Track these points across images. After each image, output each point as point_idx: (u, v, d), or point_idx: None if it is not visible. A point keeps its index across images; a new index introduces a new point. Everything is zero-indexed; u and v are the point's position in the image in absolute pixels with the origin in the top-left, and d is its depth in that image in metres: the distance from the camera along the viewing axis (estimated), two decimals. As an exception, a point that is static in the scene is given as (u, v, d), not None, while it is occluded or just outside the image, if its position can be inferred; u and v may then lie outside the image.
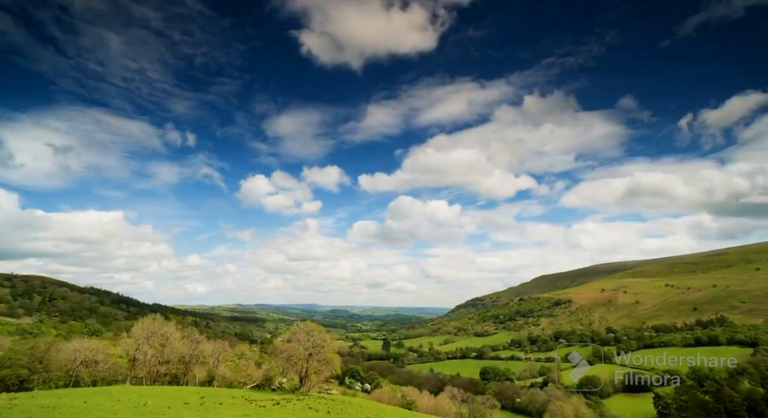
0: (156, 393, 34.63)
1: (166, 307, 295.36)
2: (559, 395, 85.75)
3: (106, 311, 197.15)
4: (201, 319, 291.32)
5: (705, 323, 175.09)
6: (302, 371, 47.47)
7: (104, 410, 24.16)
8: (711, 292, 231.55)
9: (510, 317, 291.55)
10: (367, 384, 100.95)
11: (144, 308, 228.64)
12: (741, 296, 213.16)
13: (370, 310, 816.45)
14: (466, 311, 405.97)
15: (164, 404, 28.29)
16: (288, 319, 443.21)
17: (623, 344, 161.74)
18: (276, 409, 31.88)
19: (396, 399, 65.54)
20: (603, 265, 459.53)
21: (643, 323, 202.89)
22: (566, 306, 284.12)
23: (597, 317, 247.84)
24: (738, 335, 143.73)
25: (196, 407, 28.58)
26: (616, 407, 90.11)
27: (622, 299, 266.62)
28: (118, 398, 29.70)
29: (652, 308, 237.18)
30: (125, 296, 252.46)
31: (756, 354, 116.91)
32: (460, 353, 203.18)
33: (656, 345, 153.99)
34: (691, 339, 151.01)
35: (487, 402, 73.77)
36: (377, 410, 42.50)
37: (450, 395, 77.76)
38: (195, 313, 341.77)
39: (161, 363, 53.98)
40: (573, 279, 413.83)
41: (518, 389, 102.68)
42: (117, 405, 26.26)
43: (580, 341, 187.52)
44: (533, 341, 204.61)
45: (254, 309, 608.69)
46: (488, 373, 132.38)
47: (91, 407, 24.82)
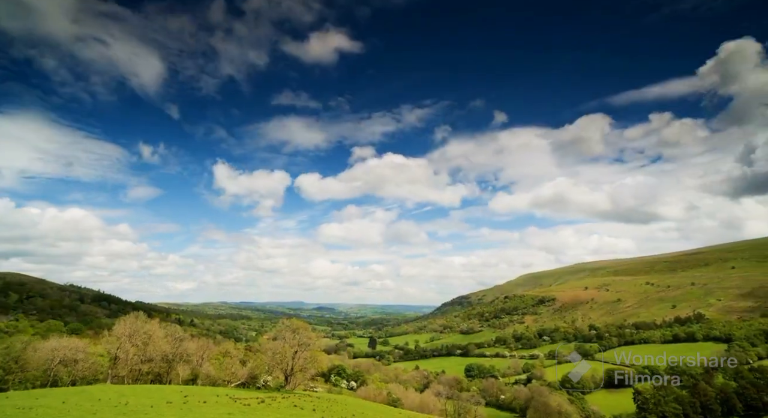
0: (138, 392, 34.03)
1: (149, 305, 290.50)
2: (542, 392, 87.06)
3: (86, 309, 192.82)
4: (185, 317, 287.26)
5: (683, 319, 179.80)
6: (288, 368, 47.22)
7: (83, 410, 23.67)
8: (689, 290, 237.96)
9: (495, 315, 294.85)
10: (352, 382, 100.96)
11: (126, 306, 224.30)
12: (717, 293, 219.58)
13: (356, 308, 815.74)
14: (452, 309, 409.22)
15: (146, 403, 27.83)
16: (274, 317, 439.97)
17: (605, 340, 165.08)
18: (261, 407, 31.66)
19: (382, 396, 65.75)
20: (586, 263, 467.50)
21: (625, 321, 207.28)
22: (550, 304, 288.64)
23: (580, 315, 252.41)
24: (714, 331, 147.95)
25: (179, 405, 28.19)
26: (597, 402, 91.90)
27: (605, 297, 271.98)
28: (98, 397, 29.09)
29: (633, 306, 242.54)
30: (106, 294, 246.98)
31: (730, 350, 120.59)
32: (446, 350, 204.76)
33: (636, 342, 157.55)
34: (669, 336, 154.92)
35: (472, 399, 74.71)
36: (363, 407, 42.56)
37: (435, 392, 78.48)
38: (179, 311, 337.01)
39: (144, 362, 53.11)
40: (557, 278, 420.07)
41: (502, 386, 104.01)
42: (97, 405, 25.74)
43: (563, 338, 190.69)
44: (518, 339, 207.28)
45: (240, 307, 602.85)
46: (473, 370, 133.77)
47: (70, 407, 24.28)
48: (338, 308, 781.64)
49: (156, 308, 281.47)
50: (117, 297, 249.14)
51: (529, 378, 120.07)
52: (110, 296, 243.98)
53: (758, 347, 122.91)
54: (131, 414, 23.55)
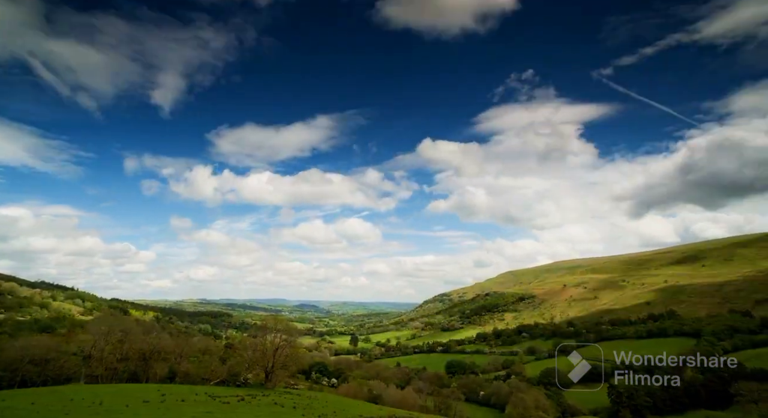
0: (113, 391, 33.26)
1: (125, 302, 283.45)
2: (521, 387, 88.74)
3: (59, 307, 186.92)
4: (163, 314, 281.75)
5: (656, 316, 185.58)
6: (268, 366, 46.86)
7: (54, 411, 23.00)
8: (662, 287, 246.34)
9: (476, 312, 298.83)
10: (334, 379, 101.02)
11: (102, 304, 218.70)
12: (688, 290, 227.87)
13: (338, 305, 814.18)
14: (434, 306, 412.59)
15: (122, 402, 27.24)
16: (255, 314, 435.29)
17: (582, 336, 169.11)
18: (241, 405, 31.39)
19: (363, 393, 65.96)
20: (566, 261, 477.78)
21: (601, 317, 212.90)
22: (530, 301, 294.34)
23: (558, 312, 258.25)
24: (684, 327, 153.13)
25: (156, 404, 27.70)
26: (574, 397, 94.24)
27: (582, 294, 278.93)
28: (71, 397, 28.31)
29: (609, 303, 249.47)
30: (81, 291, 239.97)
31: (698, 344, 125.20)
32: (427, 347, 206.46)
33: (612, 338, 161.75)
34: (643, 332, 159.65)
35: (452, 395, 75.61)
36: (343, 404, 42.61)
37: (416, 388, 79.14)
38: (157, 308, 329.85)
39: (120, 360, 51.89)
40: (537, 275, 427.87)
41: (482, 382, 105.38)
42: (69, 405, 25.06)
43: (542, 334, 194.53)
44: (498, 335, 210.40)
45: (220, 304, 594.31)
46: (454, 366, 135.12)
47: (40, 408, 23.59)
48: (320, 306, 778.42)
49: (133, 305, 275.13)
50: (92, 294, 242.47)
51: (509, 374, 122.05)
52: (84, 294, 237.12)
53: (724, 341, 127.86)
54: (106, 414, 23.03)
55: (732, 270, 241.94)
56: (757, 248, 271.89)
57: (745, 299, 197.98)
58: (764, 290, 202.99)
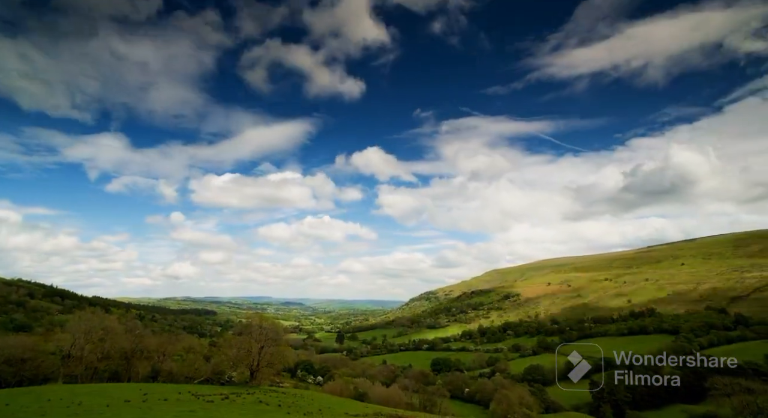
0: (92, 391, 32.54)
1: (107, 300, 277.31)
2: (505, 384, 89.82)
3: (36, 305, 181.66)
4: (146, 312, 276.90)
5: (637, 314, 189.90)
6: (253, 364, 46.47)
7: (30, 412, 22.38)
8: (643, 285, 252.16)
9: (461, 310, 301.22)
10: (319, 377, 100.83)
11: (82, 302, 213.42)
12: (668, 289, 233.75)
13: (324, 303, 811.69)
14: (420, 304, 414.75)
15: (102, 402, 26.64)
16: (240, 312, 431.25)
17: (565, 334, 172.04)
18: (225, 404, 31.04)
19: (348, 391, 65.94)
20: (550, 260, 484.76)
21: (584, 315, 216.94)
22: (515, 299, 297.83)
23: (543, 309, 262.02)
24: (663, 324, 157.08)
25: (138, 404, 27.19)
26: (556, 393, 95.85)
27: (566, 292, 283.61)
28: (48, 397, 27.58)
29: (592, 301, 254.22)
30: (60, 289, 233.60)
31: (677, 341, 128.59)
32: (413, 345, 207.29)
33: (594, 335, 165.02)
34: (624, 329, 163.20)
35: (438, 392, 76.07)
36: (329, 402, 42.53)
37: (402, 385, 79.41)
38: (140, 306, 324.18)
39: (100, 359, 50.76)
40: (522, 273, 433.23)
41: (467, 379, 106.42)
42: (46, 406, 24.42)
43: (526, 332, 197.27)
44: (483, 333, 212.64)
45: (205, 302, 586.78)
46: (439, 364, 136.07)
47: (15, 409, 22.95)
48: (306, 303, 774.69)
49: (115, 304, 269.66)
50: (72, 292, 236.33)
51: (493, 371, 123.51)
52: (64, 291, 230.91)
53: (701, 337, 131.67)
54: (85, 415, 22.52)
55: (710, 269, 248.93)
56: (733, 247, 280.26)
57: (721, 296, 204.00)
58: (739, 288, 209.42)
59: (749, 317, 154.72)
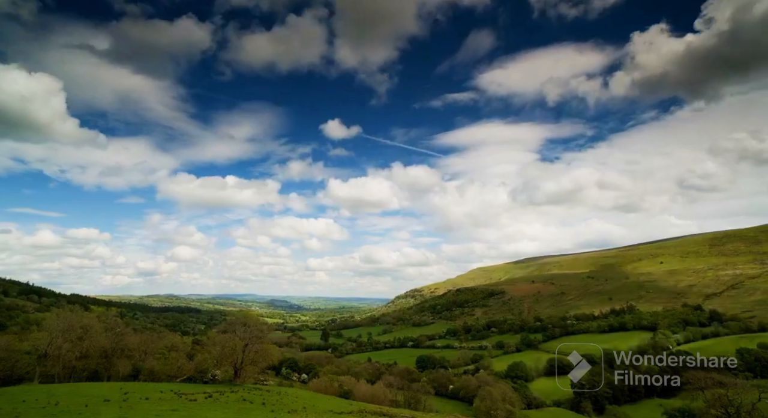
0: (70, 391, 31.87)
1: (86, 297, 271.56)
2: (489, 381, 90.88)
3: (11, 303, 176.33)
4: (128, 310, 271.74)
5: (617, 311, 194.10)
6: (238, 362, 46.08)
7: (3, 413, 21.71)
8: (623, 283, 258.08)
9: (447, 308, 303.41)
10: (304, 374, 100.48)
11: (60, 299, 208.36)
12: (647, 286, 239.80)
13: (309, 300, 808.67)
14: (405, 302, 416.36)
15: (80, 402, 26.11)
16: (225, 309, 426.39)
17: (548, 331, 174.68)
18: (208, 402, 30.77)
19: (333, 388, 65.87)
20: (535, 258, 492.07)
21: (567, 312, 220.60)
22: (500, 297, 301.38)
23: (527, 307, 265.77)
24: (642, 321, 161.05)
25: (118, 403, 26.73)
26: (539, 389, 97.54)
27: (550, 290, 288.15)
28: (23, 398, 26.87)
29: (575, 298, 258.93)
30: (36, 286, 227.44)
31: (654, 337, 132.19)
32: (398, 342, 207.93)
33: (576, 332, 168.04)
34: (605, 326, 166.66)
35: (422, 389, 76.59)
36: (314, 399, 42.52)
37: (387, 383, 79.61)
38: (121, 304, 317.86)
39: (79, 358, 49.63)
40: (507, 271, 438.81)
41: (452, 376, 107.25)
42: (20, 407, 23.76)
43: (510, 329, 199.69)
44: (467, 330, 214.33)
45: (189, 299, 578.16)
46: (424, 361, 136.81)
47: (-11, 410, 22.32)
48: (292, 301, 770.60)
49: (95, 301, 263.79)
50: (49, 290, 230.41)
51: (477, 368, 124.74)
52: (41, 289, 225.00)
53: (677, 334, 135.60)
54: (62, 415, 22.05)
55: (687, 267, 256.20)
56: (709, 246, 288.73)
57: (697, 293, 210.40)
58: (714, 285, 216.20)
59: (723, 313, 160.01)
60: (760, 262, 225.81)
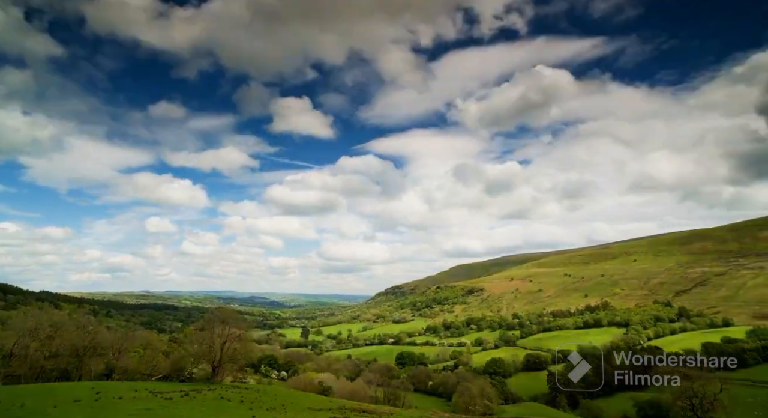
0: (38, 391, 30.73)
1: (57, 295, 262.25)
2: (467, 377, 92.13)
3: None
4: (101, 307, 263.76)
5: (593, 307, 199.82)
6: (215, 359, 45.31)
7: (-35, 415, 20.83)
8: (599, 280, 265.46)
9: (427, 305, 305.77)
10: (284, 372, 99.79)
11: (28, 297, 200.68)
12: (621, 284, 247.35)
13: (290, 297, 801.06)
14: (386, 299, 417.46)
15: (48, 403, 25.17)
16: (203, 306, 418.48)
17: (526, 328, 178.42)
18: (184, 400, 30.18)
19: (313, 386, 65.66)
20: (514, 256, 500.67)
21: (544, 309, 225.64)
22: (479, 294, 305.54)
23: (505, 304, 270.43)
24: (616, 317, 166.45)
25: (89, 403, 25.92)
26: (516, 385, 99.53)
27: (528, 288, 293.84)
28: (-14, 400, 25.78)
29: (552, 296, 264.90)
30: (2, 283, 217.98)
31: (627, 332, 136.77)
32: (378, 339, 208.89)
33: (553, 328, 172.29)
34: (581, 322, 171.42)
35: (402, 385, 77.10)
36: (293, 397, 42.21)
37: (367, 379, 79.89)
38: (94, 301, 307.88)
39: (48, 358, 47.79)
40: (487, 269, 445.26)
41: (431, 373, 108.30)
42: (-16, 408, 22.80)
43: (489, 326, 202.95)
44: (447, 327, 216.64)
45: (165, 296, 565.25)
46: (404, 358, 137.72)
47: (-51, 412, 21.32)
48: (271, 298, 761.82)
49: (66, 299, 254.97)
50: (15, 287, 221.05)
51: (456, 365, 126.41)
52: (6, 286, 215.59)
53: (649, 329, 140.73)
54: (28, 417, 21.25)
55: (658, 265, 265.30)
56: (679, 244, 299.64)
57: (667, 290, 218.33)
58: (683, 282, 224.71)
59: (690, 310, 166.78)
60: (725, 260, 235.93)
